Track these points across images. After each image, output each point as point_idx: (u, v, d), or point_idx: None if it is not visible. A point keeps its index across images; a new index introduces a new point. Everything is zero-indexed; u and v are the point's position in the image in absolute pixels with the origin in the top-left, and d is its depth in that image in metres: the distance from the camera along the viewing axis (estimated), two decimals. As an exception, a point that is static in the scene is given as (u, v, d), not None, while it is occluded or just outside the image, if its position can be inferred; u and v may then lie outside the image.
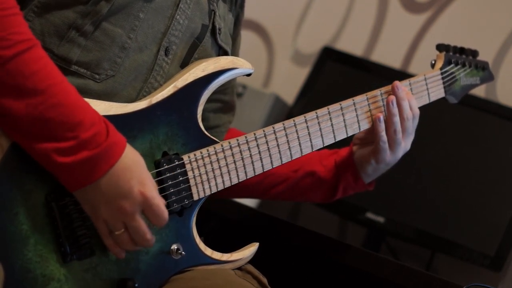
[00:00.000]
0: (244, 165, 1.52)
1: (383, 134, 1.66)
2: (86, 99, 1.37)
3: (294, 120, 1.56)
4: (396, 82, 1.66)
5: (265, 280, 1.54)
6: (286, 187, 1.79)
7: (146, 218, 1.37)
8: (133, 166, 1.34)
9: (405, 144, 1.69)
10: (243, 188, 1.77)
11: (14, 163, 1.32)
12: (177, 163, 1.45)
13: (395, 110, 1.65)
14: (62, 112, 1.30)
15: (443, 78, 1.76)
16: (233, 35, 1.70)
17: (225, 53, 1.63)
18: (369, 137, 1.71)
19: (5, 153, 1.31)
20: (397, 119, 1.65)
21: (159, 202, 1.36)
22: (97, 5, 1.43)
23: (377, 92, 1.67)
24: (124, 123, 1.40)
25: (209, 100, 1.52)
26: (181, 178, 1.45)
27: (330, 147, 1.65)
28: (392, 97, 1.65)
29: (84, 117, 1.31)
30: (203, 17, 1.56)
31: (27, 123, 1.29)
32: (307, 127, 1.58)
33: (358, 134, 1.71)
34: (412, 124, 1.68)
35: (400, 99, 1.65)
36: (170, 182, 1.43)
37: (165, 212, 1.38)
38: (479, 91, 2.36)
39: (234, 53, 1.72)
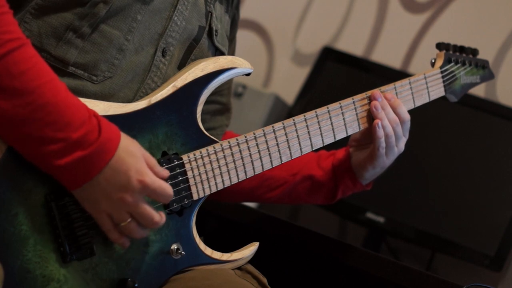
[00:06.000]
0: (243, 165, 1.51)
1: (382, 140, 1.65)
2: (86, 100, 1.37)
3: (293, 119, 1.56)
4: (375, 91, 1.65)
5: (265, 280, 1.54)
6: (284, 191, 1.78)
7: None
8: (128, 157, 1.33)
9: (398, 148, 1.68)
10: (241, 192, 1.77)
11: (13, 163, 1.31)
12: (176, 162, 1.44)
13: (381, 114, 1.64)
14: (50, 112, 1.28)
15: (443, 77, 1.75)
16: (229, 36, 1.70)
17: (221, 54, 1.63)
18: (365, 139, 1.70)
19: (3, 153, 1.31)
20: (386, 122, 1.64)
21: (160, 183, 1.36)
22: (95, 7, 1.42)
23: (376, 90, 1.66)
24: (123, 123, 1.39)
25: (206, 102, 1.52)
26: (180, 178, 1.45)
27: (329, 145, 1.65)
28: (375, 103, 1.64)
29: (74, 116, 1.30)
30: (200, 18, 1.56)
31: (17, 124, 1.27)
32: (307, 126, 1.57)
33: (354, 135, 1.71)
34: (401, 129, 1.66)
35: (384, 106, 1.65)
36: (169, 182, 1.43)
37: (169, 190, 1.37)
38: (479, 91, 2.36)
39: (230, 54, 1.71)
